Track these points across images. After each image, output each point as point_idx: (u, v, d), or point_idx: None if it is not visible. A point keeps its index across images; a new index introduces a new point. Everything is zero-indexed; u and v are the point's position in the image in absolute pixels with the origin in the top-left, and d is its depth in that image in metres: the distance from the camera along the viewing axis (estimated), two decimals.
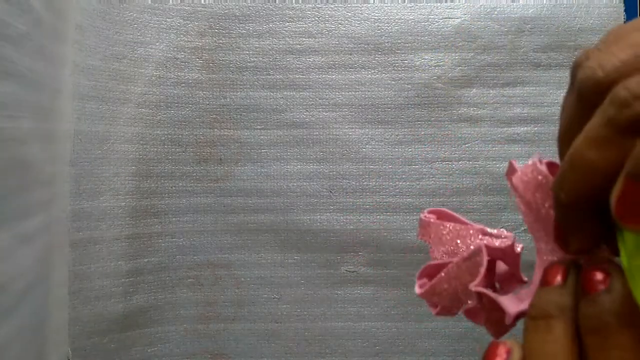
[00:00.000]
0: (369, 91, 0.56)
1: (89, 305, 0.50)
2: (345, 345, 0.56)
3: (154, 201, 0.54)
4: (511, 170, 0.22)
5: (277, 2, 0.56)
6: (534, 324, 0.19)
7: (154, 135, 0.54)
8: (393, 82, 0.56)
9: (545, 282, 0.20)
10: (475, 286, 0.21)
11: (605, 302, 0.17)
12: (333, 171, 0.56)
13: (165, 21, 0.54)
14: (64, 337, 0.47)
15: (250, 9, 0.56)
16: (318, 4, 0.56)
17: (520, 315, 0.20)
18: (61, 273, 0.47)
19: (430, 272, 0.25)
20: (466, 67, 0.56)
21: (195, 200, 0.55)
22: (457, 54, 0.56)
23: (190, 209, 0.55)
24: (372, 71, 0.56)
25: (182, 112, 0.55)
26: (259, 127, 0.56)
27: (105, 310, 0.51)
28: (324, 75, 0.56)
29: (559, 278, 0.19)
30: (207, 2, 0.55)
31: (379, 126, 0.56)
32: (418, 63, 0.56)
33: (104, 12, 0.51)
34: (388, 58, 0.56)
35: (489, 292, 0.21)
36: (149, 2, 0.54)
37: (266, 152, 0.56)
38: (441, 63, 0.56)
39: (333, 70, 0.56)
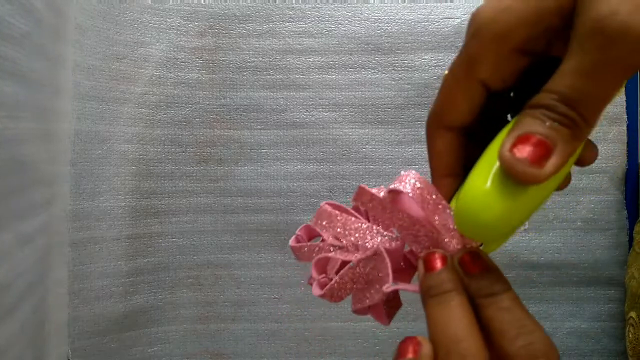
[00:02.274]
0: (369, 91, 0.56)
1: (89, 305, 0.50)
2: (345, 345, 0.56)
3: (154, 201, 0.54)
4: (363, 193, 0.24)
5: (277, 2, 0.56)
6: (435, 300, 0.22)
7: (154, 135, 0.54)
8: (393, 82, 0.56)
9: (430, 267, 0.23)
10: (386, 288, 0.24)
11: (487, 278, 0.22)
12: (333, 171, 0.56)
13: (165, 21, 0.54)
14: (64, 337, 0.47)
15: (250, 9, 0.56)
16: (318, 4, 0.56)
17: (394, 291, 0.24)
18: (61, 273, 0.47)
19: (310, 234, 0.27)
20: None
21: (195, 200, 0.55)
22: (457, 54, 0.56)
23: (190, 209, 0.55)
24: (372, 71, 0.56)
25: (182, 112, 0.55)
26: (259, 127, 0.56)
27: (105, 310, 0.51)
28: (324, 75, 0.56)
29: (439, 263, 0.23)
30: (207, 2, 0.55)
31: (379, 126, 0.56)
32: (418, 63, 0.56)
33: (104, 12, 0.51)
34: (388, 58, 0.56)
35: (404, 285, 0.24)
36: (149, 2, 0.54)
37: (266, 152, 0.56)
38: (441, 63, 0.56)
39: (333, 70, 0.56)
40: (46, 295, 0.41)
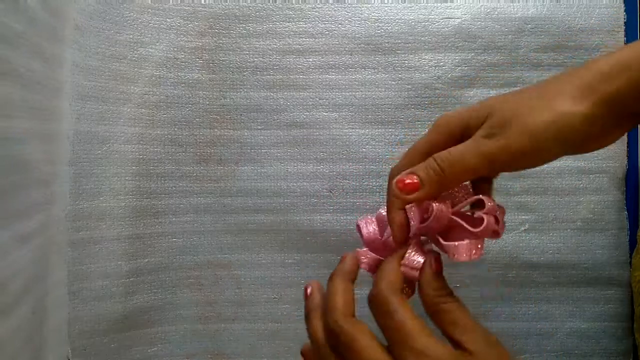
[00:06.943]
0: (369, 91, 0.56)
1: (89, 305, 0.50)
2: None
3: (154, 201, 0.54)
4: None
5: (277, 2, 0.56)
6: None
7: (154, 135, 0.54)
8: (393, 82, 0.56)
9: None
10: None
11: None
12: (333, 171, 0.56)
13: (165, 21, 0.54)
14: (64, 337, 0.47)
15: (250, 9, 0.55)
16: (318, 4, 0.56)
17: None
18: (61, 273, 0.47)
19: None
20: (466, 68, 0.55)
21: (195, 200, 0.55)
22: (457, 54, 0.56)
23: (190, 209, 0.55)
24: (372, 71, 0.56)
25: (182, 112, 0.55)
26: (259, 127, 0.56)
27: (105, 310, 0.51)
28: (324, 75, 0.56)
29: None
30: (207, 2, 0.55)
31: (379, 126, 0.56)
32: (418, 63, 0.56)
33: (103, 12, 0.51)
34: (388, 58, 0.56)
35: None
36: (149, 2, 0.54)
37: (266, 152, 0.56)
38: (441, 63, 0.56)
39: (333, 70, 0.56)
40: (45, 296, 0.41)
